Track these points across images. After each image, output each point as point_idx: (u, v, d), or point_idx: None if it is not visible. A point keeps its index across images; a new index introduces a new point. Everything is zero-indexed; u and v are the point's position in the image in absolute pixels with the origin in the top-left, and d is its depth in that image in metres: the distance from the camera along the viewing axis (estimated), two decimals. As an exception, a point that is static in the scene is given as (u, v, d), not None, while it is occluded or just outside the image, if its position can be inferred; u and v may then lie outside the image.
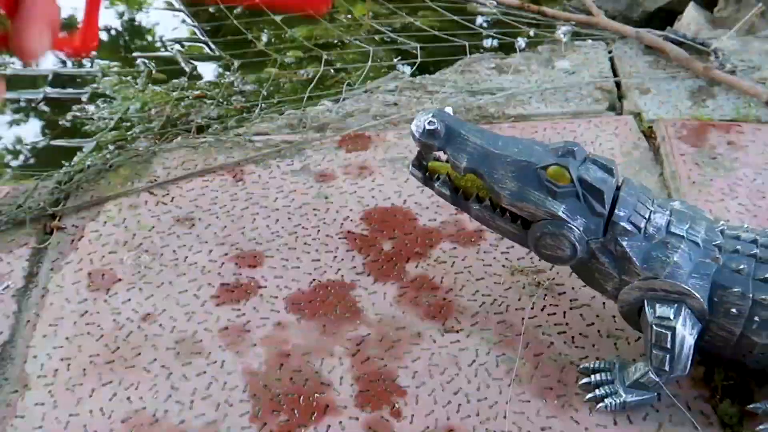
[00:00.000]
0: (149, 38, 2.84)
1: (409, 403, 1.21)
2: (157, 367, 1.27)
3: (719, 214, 1.53)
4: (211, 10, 2.88)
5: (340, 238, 1.51)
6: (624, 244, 1.09)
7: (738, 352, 1.11)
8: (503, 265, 1.44)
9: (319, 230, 1.54)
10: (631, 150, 1.73)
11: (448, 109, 1.13)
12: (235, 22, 2.63)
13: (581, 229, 1.09)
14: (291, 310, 1.37)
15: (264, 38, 2.71)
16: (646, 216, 1.11)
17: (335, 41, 2.66)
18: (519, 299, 1.37)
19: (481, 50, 2.32)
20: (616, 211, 1.10)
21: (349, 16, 2.79)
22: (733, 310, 1.07)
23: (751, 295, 1.06)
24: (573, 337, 1.30)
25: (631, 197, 1.12)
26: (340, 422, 1.18)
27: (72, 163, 1.85)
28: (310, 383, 1.24)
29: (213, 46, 2.61)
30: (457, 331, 1.32)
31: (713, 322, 1.09)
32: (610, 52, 2.16)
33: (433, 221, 1.54)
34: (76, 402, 1.22)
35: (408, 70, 2.33)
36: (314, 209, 1.59)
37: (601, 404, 1.16)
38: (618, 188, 1.13)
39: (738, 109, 1.86)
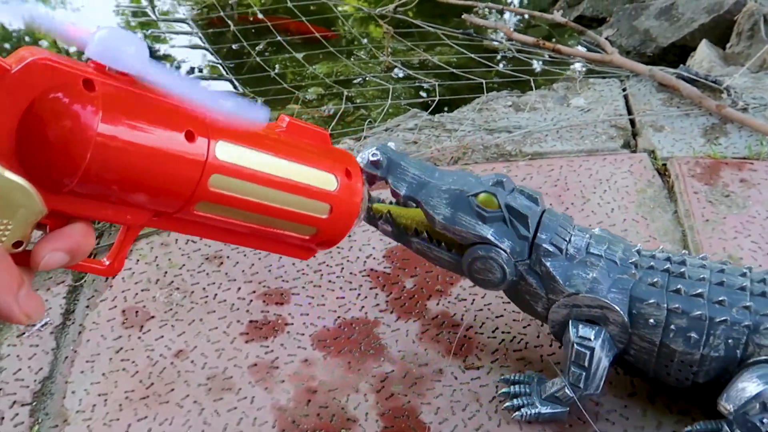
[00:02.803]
0: (175, 75, 2.93)
1: (432, 439, 1.25)
2: (190, 403, 1.33)
3: (732, 251, 1.57)
4: (234, 47, 2.97)
5: (363, 276, 1.57)
6: (547, 264, 1.19)
7: (661, 363, 1.18)
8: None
9: (342, 268, 1.59)
10: (646, 188, 1.78)
11: (391, 144, 1.23)
12: (257, 59, 2.71)
13: (508, 251, 1.18)
14: (317, 347, 1.42)
15: (286, 75, 2.80)
16: (567, 239, 1.21)
17: (355, 78, 2.73)
18: (537, 336, 1.42)
19: (497, 86, 2.39)
20: (539, 234, 1.20)
21: (368, 49, 2.86)
22: (651, 320, 1.16)
23: (665, 305, 1.15)
24: (590, 375, 1.34)
25: (553, 222, 1.21)
26: (366, 457, 1.23)
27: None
28: (337, 419, 1.29)
29: (236, 83, 2.69)
30: (478, 368, 1.37)
31: (635, 334, 1.18)
32: (624, 89, 2.21)
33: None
34: (113, 437, 1.27)
35: (427, 106, 2.40)
36: (338, 247, 1.64)
37: (516, 413, 1.25)
38: (542, 216, 1.23)
39: (750, 147, 1.91)
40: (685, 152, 1.91)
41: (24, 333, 1.47)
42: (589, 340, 1.17)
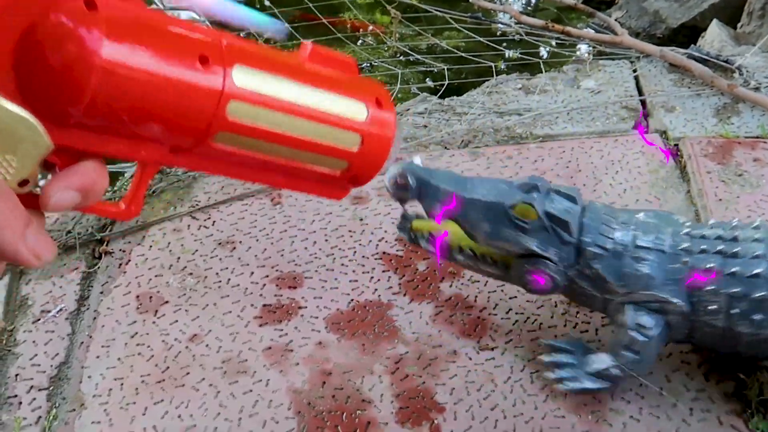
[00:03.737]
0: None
1: (448, 419, 1.25)
2: (206, 386, 1.33)
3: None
4: (241, 35, 2.96)
5: (376, 259, 1.57)
6: (596, 266, 1.15)
7: (728, 344, 1.16)
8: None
9: (355, 251, 1.59)
10: (658, 168, 1.77)
11: (417, 160, 1.17)
12: (266, 45, 2.70)
13: (555, 259, 1.16)
14: (331, 330, 1.42)
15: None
16: (612, 236, 1.17)
17: (363, 64, 2.72)
18: (551, 317, 1.41)
19: (506, 69, 2.38)
20: (582, 237, 1.16)
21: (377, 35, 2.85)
22: (712, 307, 1.13)
23: (724, 291, 1.12)
24: (605, 354, 1.33)
25: (595, 221, 1.17)
26: (382, 438, 1.23)
27: (115, 189, 1.93)
28: (352, 400, 1.29)
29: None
30: (492, 349, 1.37)
31: (697, 321, 1.15)
32: (634, 70, 2.20)
33: (466, 241, 1.59)
34: (130, 420, 1.28)
35: (436, 91, 2.39)
36: (350, 231, 1.64)
37: (560, 385, 1.24)
38: (583, 213, 1.19)
39: (763, 126, 1.89)
40: (697, 132, 1.90)
41: (39, 319, 1.48)
42: (649, 329, 1.14)
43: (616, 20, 2.64)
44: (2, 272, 0.46)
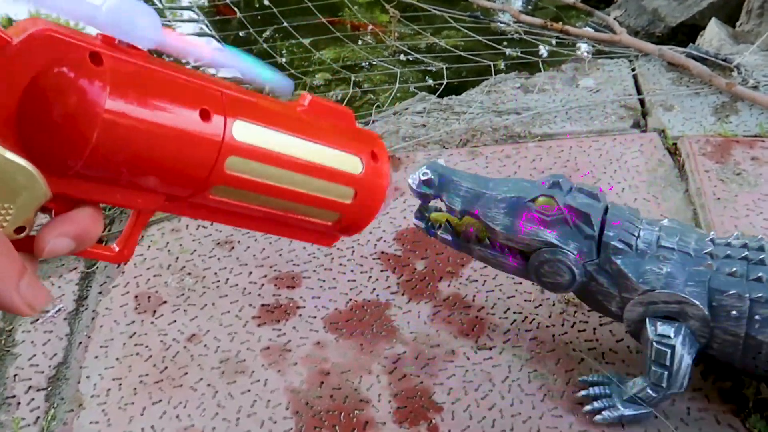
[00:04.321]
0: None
1: (446, 419, 1.25)
2: (204, 386, 1.33)
3: (744, 229, 1.56)
4: (240, 34, 2.97)
5: (374, 259, 1.57)
6: (618, 261, 1.14)
7: (748, 355, 1.13)
8: (533, 284, 1.48)
9: (353, 251, 1.59)
10: (656, 167, 1.77)
11: (441, 161, 1.20)
12: (264, 45, 2.70)
13: (575, 253, 1.15)
14: (329, 330, 1.42)
15: (293, 61, 2.79)
16: (636, 234, 1.16)
17: (362, 63, 2.73)
18: (549, 316, 1.41)
19: (505, 68, 2.38)
20: (605, 231, 1.16)
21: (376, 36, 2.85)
22: (734, 312, 1.10)
23: (747, 295, 1.09)
24: (603, 353, 1.34)
25: (619, 218, 1.17)
26: (380, 438, 1.23)
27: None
28: (350, 400, 1.29)
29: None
30: (490, 348, 1.37)
31: (717, 327, 1.12)
32: (633, 69, 2.20)
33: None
34: (128, 420, 1.28)
35: (435, 90, 2.39)
36: (348, 231, 1.64)
37: (598, 416, 1.21)
38: (606, 212, 1.18)
39: (762, 125, 1.89)
40: (696, 131, 1.89)
41: (38, 320, 1.48)
42: (669, 337, 1.12)
43: (614, 19, 2.64)
44: None
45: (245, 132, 0.47)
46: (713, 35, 2.44)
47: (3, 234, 0.41)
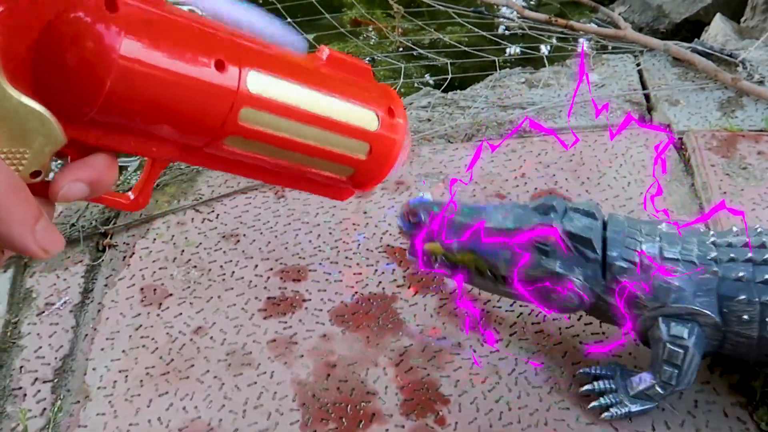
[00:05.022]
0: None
1: (453, 411, 1.25)
2: (210, 378, 1.33)
3: (751, 223, 1.55)
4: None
5: (380, 252, 1.57)
6: (624, 281, 1.12)
7: (762, 353, 1.13)
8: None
9: (359, 244, 1.59)
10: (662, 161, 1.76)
11: (427, 195, 1.15)
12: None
13: (581, 278, 1.13)
14: (335, 322, 1.42)
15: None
16: (638, 248, 1.13)
17: (366, 58, 2.72)
18: (556, 309, 1.41)
19: (509, 63, 2.37)
20: (608, 252, 1.13)
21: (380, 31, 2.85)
22: (745, 317, 1.10)
23: (757, 299, 1.09)
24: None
25: (619, 234, 1.14)
26: (387, 430, 1.23)
27: (118, 182, 1.93)
28: (356, 392, 1.29)
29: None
30: (497, 341, 1.36)
31: (730, 331, 1.12)
32: (638, 64, 2.19)
33: (470, 234, 1.59)
34: (135, 412, 1.28)
35: (439, 85, 2.39)
36: (354, 224, 1.64)
37: (606, 413, 1.20)
38: (605, 228, 1.16)
39: (767, 120, 1.89)
40: (701, 126, 1.89)
41: (43, 312, 1.48)
42: (683, 339, 1.11)
43: (619, 15, 2.64)
44: (5, 261, 0.47)
45: (260, 83, 0.46)
46: (718, 31, 2.43)
47: (19, 177, 0.42)
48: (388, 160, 0.54)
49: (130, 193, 0.50)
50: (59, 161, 0.46)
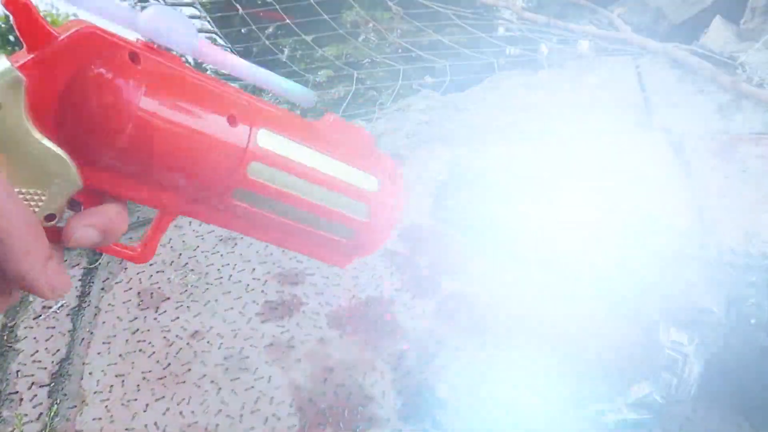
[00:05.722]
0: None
1: (450, 415, 1.25)
2: (207, 383, 1.33)
3: (749, 226, 1.55)
4: (242, 30, 2.96)
5: (378, 256, 1.56)
6: None
7: (765, 370, 1.12)
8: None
9: (357, 248, 1.58)
10: (661, 164, 1.76)
11: None
12: (266, 42, 2.70)
13: None
14: (333, 326, 1.42)
15: (296, 58, 2.78)
16: None
17: (365, 60, 2.72)
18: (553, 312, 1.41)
19: (508, 65, 2.37)
20: None
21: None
22: (753, 320, 1.10)
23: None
24: (609, 349, 1.33)
25: None
26: (384, 435, 1.23)
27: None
28: (354, 396, 1.29)
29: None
30: (494, 344, 1.36)
31: (735, 336, 1.11)
32: (637, 67, 2.19)
33: (466, 238, 1.58)
34: (131, 417, 1.28)
35: (437, 87, 2.38)
36: (352, 227, 1.64)
37: (603, 419, 1.19)
38: None
39: (767, 123, 1.88)
40: (701, 129, 1.89)
41: (40, 315, 1.48)
42: (683, 345, 1.10)
43: (618, 16, 2.63)
44: (17, 300, 0.48)
45: (269, 140, 0.49)
46: (717, 33, 2.43)
47: (36, 217, 0.44)
48: (387, 223, 0.56)
49: (137, 245, 0.52)
50: (71, 212, 0.48)
